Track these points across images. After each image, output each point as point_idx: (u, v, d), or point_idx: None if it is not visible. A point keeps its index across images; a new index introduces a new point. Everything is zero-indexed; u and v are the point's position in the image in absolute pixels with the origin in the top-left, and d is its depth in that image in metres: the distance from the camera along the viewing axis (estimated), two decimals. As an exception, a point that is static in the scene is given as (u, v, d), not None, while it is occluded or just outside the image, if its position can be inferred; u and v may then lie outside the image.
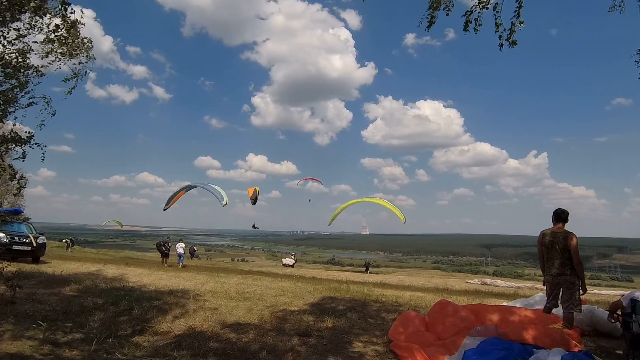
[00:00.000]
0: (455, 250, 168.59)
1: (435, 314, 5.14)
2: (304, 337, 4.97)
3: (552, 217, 5.21)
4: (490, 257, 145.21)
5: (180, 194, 18.28)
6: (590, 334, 5.47)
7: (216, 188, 17.16)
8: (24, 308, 5.76)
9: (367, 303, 7.20)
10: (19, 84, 4.90)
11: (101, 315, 5.68)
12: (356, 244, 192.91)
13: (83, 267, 11.79)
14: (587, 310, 5.54)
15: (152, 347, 4.52)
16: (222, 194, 16.65)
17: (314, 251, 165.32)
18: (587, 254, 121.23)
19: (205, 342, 4.66)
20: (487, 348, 3.99)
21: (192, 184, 18.66)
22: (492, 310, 5.11)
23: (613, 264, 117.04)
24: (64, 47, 5.03)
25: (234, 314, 6.05)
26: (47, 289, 7.27)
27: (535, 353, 3.90)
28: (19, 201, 33.05)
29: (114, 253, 36.30)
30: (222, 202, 16.55)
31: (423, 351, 4.24)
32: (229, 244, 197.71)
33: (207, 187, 17.47)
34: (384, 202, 12.56)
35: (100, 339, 4.64)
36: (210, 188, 17.19)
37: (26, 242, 12.32)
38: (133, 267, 13.00)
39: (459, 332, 4.55)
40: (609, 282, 54.91)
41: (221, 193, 16.72)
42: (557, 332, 4.33)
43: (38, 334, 4.76)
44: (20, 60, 4.81)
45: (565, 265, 4.94)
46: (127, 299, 6.46)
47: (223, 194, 16.73)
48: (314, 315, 6.07)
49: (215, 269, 17.94)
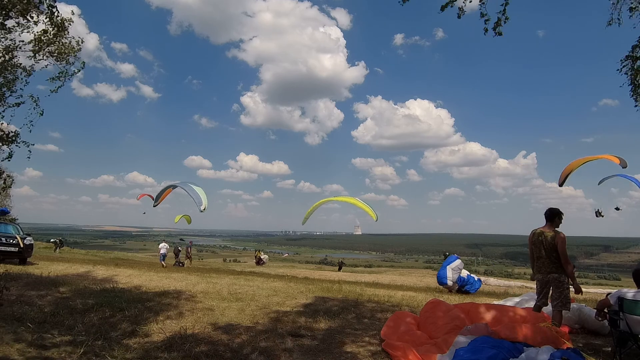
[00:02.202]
0: (447, 249, 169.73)
1: (427, 313, 5.18)
2: (296, 338, 4.96)
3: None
4: (481, 256, 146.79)
5: (167, 192, 17.72)
6: (579, 332, 5.57)
7: (196, 190, 15.33)
8: (11, 310, 5.64)
9: (360, 303, 7.22)
10: (6, 82, 4.81)
11: (90, 317, 5.60)
12: (349, 244, 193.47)
13: (72, 268, 11.62)
14: (575, 308, 5.64)
15: (142, 349, 4.47)
16: (201, 198, 14.85)
17: (306, 251, 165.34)
18: (574, 253, 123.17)
19: (197, 344, 4.61)
20: (478, 346, 4.02)
21: (175, 184, 17.43)
22: (483, 309, 5.15)
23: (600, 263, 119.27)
24: (52, 46, 4.96)
25: (226, 314, 6.02)
26: (35, 291, 7.14)
27: (525, 351, 3.95)
28: (5, 201, 32.45)
29: (103, 254, 35.81)
30: (199, 207, 14.64)
31: (415, 350, 4.26)
32: (220, 244, 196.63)
33: (187, 188, 15.57)
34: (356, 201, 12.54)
35: (90, 342, 4.57)
36: (189, 190, 15.31)
37: (13, 244, 12.08)
38: (123, 268, 12.84)
39: (450, 331, 4.58)
40: (597, 281, 55.89)
41: (200, 196, 14.94)
42: (546, 330, 4.39)
43: (26, 337, 4.66)
44: (8, 59, 4.72)
45: (554, 264, 5.02)
46: (117, 300, 6.38)
47: (203, 197, 14.95)
48: (306, 315, 6.06)
49: (207, 270, 17.81)
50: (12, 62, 4.82)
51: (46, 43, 4.89)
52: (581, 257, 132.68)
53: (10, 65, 4.79)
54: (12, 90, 4.91)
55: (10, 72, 4.84)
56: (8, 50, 4.76)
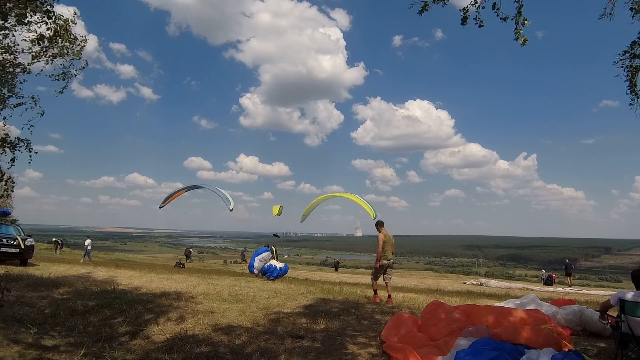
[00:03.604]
0: (447, 251, 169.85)
1: (428, 315, 5.17)
2: (297, 340, 4.95)
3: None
4: (482, 258, 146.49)
5: (179, 193, 18.07)
6: (580, 334, 5.55)
7: (223, 192, 17.08)
8: (11, 311, 5.64)
9: (360, 304, 7.21)
10: (6, 82, 4.81)
11: (91, 319, 5.59)
12: (349, 245, 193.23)
13: (72, 269, 11.63)
14: (576, 310, 5.62)
15: (143, 350, 4.46)
16: (229, 199, 16.55)
17: (307, 252, 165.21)
18: (574, 255, 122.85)
19: (198, 345, 4.61)
20: (479, 348, 4.01)
21: (198, 185, 18.55)
22: (484, 310, 5.14)
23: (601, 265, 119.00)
24: (54, 47, 4.96)
25: (227, 316, 6.01)
26: (36, 292, 7.14)
27: (526, 353, 3.94)
28: (6, 203, 32.46)
29: (104, 255, 35.86)
30: (228, 206, 16.39)
31: (416, 352, 4.25)
32: (221, 245, 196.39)
33: (215, 190, 17.34)
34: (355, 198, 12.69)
35: (90, 343, 4.56)
36: (217, 192, 17.09)
37: (14, 245, 12.09)
38: (124, 269, 12.86)
39: (451, 333, 4.57)
40: (598, 283, 55.72)
41: (228, 197, 16.62)
42: (548, 332, 4.38)
43: (26, 338, 4.66)
44: (11, 58, 4.73)
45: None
46: (117, 302, 6.37)
47: (230, 198, 16.64)
48: (307, 317, 6.06)
49: (207, 271, 17.81)
50: (13, 62, 4.82)
51: (48, 44, 4.89)
52: (582, 259, 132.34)
53: (10, 65, 4.80)
54: (12, 90, 4.91)
55: (11, 73, 4.84)
56: (8, 50, 4.77)
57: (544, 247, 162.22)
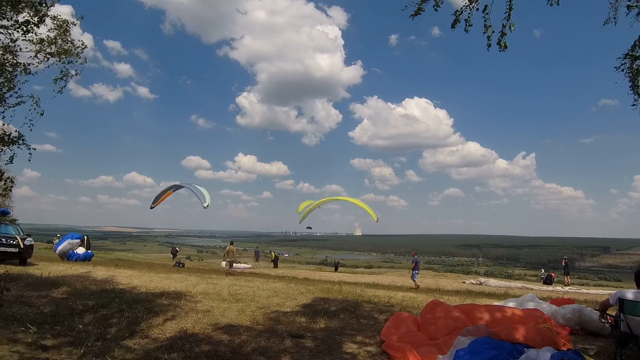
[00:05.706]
0: (447, 250, 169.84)
1: (427, 314, 5.18)
2: (296, 339, 4.96)
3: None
4: (481, 257, 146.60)
5: (167, 193, 18.21)
6: (579, 333, 5.56)
7: (200, 189, 17.29)
8: (11, 311, 5.65)
9: (360, 304, 7.21)
10: (6, 82, 4.81)
11: (91, 318, 5.60)
12: (349, 245, 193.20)
13: (72, 269, 11.61)
14: (575, 310, 5.63)
15: (142, 350, 4.47)
16: (205, 196, 16.79)
17: (306, 252, 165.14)
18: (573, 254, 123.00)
19: (197, 345, 4.62)
20: (478, 347, 4.03)
21: (180, 184, 18.60)
22: (483, 310, 5.15)
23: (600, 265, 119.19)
24: (53, 47, 4.96)
25: (226, 315, 6.02)
26: (35, 292, 7.14)
27: (525, 352, 3.95)
28: (5, 202, 32.43)
29: (103, 254, 35.77)
30: (203, 203, 16.73)
31: (415, 351, 4.27)
32: (221, 245, 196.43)
33: (192, 187, 17.55)
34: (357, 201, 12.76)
35: (90, 343, 4.57)
36: (194, 189, 17.30)
37: (13, 244, 12.09)
38: (123, 268, 12.83)
39: (450, 332, 4.58)
40: (597, 282, 55.77)
41: (204, 194, 16.87)
42: (547, 331, 4.39)
43: (26, 338, 4.67)
44: (10, 58, 4.73)
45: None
46: (117, 301, 6.37)
47: (206, 195, 16.90)
48: (306, 316, 6.06)
49: (207, 271, 17.81)
50: (12, 61, 4.82)
51: (47, 41, 4.89)
52: (581, 258, 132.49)
53: (11, 64, 4.79)
54: (10, 87, 4.91)
55: (10, 72, 4.84)
56: (7, 48, 4.76)
57: (543, 246, 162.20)
